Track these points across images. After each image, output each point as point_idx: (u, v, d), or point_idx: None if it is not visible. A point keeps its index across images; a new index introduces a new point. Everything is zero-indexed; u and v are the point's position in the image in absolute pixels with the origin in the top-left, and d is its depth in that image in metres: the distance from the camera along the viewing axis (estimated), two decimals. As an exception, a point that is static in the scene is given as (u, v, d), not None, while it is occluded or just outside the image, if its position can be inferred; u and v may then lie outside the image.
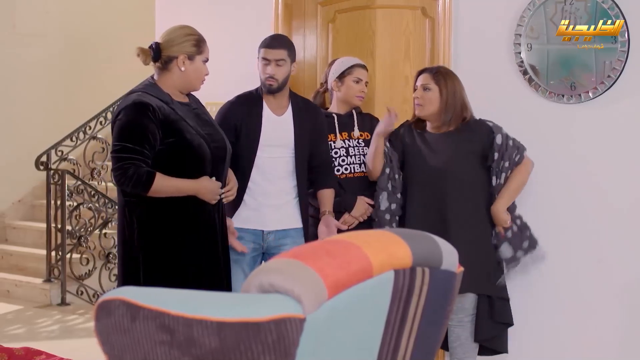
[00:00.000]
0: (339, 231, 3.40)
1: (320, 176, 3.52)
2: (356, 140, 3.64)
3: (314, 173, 3.52)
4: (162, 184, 2.89)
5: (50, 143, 6.32)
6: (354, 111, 3.69)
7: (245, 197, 3.38)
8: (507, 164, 3.33)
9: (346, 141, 3.63)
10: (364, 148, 3.63)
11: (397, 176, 3.45)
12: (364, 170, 3.60)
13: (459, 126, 3.39)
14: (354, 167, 3.60)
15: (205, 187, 2.99)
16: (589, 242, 3.59)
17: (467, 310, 3.34)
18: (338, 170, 3.60)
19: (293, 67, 3.44)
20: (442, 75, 3.41)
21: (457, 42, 3.84)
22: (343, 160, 3.61)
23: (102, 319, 1.53)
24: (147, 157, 2.88)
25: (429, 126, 3.47)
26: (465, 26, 3.82)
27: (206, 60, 3.10)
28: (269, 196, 3.40)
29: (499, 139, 3.34)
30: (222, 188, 3.08)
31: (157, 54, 3.02)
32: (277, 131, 3.41)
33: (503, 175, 3.34)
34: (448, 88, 3.38)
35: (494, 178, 3.36)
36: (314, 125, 3.50)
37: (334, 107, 3.70)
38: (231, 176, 3.24)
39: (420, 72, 3.48)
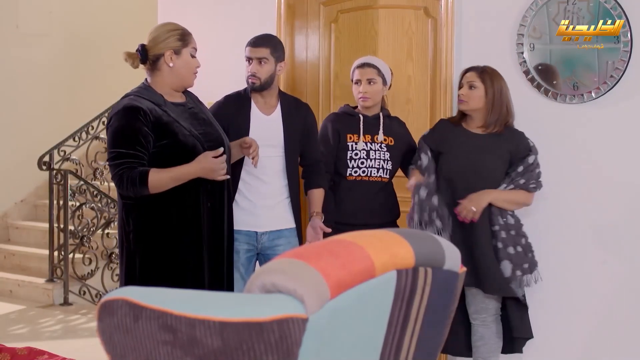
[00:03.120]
0: (325, 234, 3.41)
1: (311, 176, 3.52)
2: (379, 144, 3.58)
3: (304, 173, 3.53)
4: (159, 178, 2.86)
5: (53, 143, 6.31)
6: (380, 114, 3.63)
7: (237, 197, 3.36)
8: (521, 182, 3.32)
9: (368, 144, 3.57)
10: (386, 153, 3.57)
11: (432, 176, 3.41)
12: (381, 176, 3.56)
13: (503, 130, 3.37)
14: (371, 171, 3.56)
15: (204, 168, 2.92)
16: (593, 243, 3.58)
17: (490, 311, 3.38)
18: (355, 172, 3.56)
19: (280, 66, 3.42)
20: (488, 75, 3.38)
21: (459, 42, 3.83)
22: (362, 163, 3.56)
23: (105, 318, 1.53)
24: (141, 159, 2.87)
25: (473, 126, 3.44)
26: (467, 26, 3.82)
27: (194, 53, 3.06)
28: (261, 196, 3.39)
29: (531, 159, 3.35)
30: (227, 173, 3.01)
31: (144, 55, 3.00)
32: (266, 130, 3.40)
33: (511, 186, 3.32)
34: (494, 87, 3.35)
35: (503, 185, 3.34)
36: (304, 124, 3.49)
37: (360, 108, 3.65)
38: (249, 141, 3.19)
39: (466, 71, 3.44)
